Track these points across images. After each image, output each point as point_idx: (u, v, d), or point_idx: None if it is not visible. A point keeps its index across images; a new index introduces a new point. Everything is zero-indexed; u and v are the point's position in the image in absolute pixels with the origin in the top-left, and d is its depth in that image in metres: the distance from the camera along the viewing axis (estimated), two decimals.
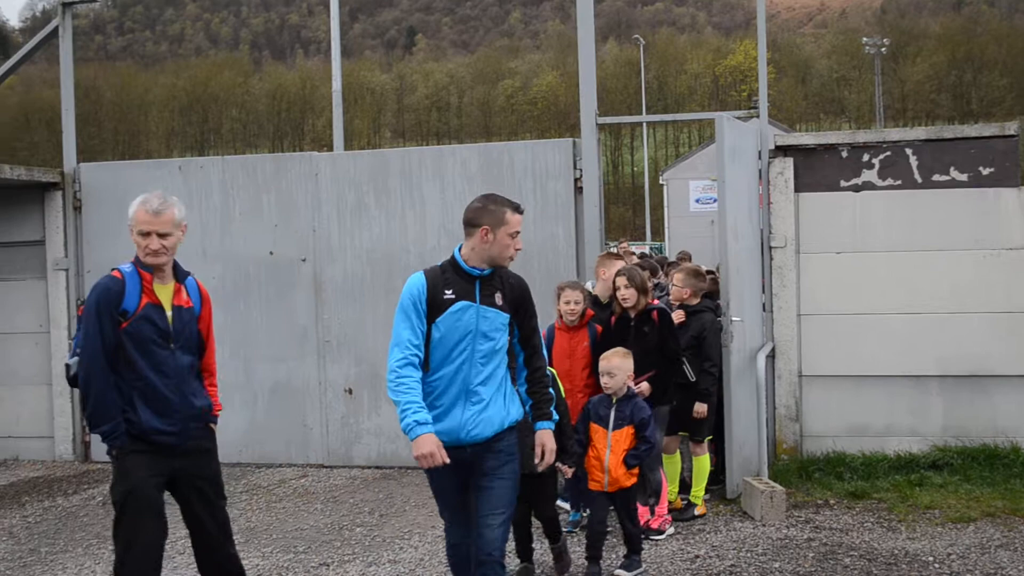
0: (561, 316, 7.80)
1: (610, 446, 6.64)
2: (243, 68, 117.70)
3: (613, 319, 7.80)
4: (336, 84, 22.09)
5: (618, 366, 6.75)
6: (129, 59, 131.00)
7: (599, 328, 7.80)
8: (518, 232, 5.14)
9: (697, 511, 8.17)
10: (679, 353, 7.87)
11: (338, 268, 10.41)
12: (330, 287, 10.42)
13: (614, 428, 6.68)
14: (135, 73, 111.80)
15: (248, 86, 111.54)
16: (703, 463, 8.29)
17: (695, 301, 8.41)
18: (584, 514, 7.72)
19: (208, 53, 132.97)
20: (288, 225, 10.51)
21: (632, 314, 7.70)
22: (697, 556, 7.18)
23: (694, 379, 8.15)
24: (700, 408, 8.12)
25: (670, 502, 8.09)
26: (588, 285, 8.59)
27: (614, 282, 7.79)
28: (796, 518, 8.01)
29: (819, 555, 7.11)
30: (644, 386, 7.46)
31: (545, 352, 8.00)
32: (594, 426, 6.74)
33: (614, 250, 11.93)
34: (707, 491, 8.67)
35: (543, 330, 7.89)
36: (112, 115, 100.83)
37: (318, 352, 10.46)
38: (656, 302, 7.95)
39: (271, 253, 10.54)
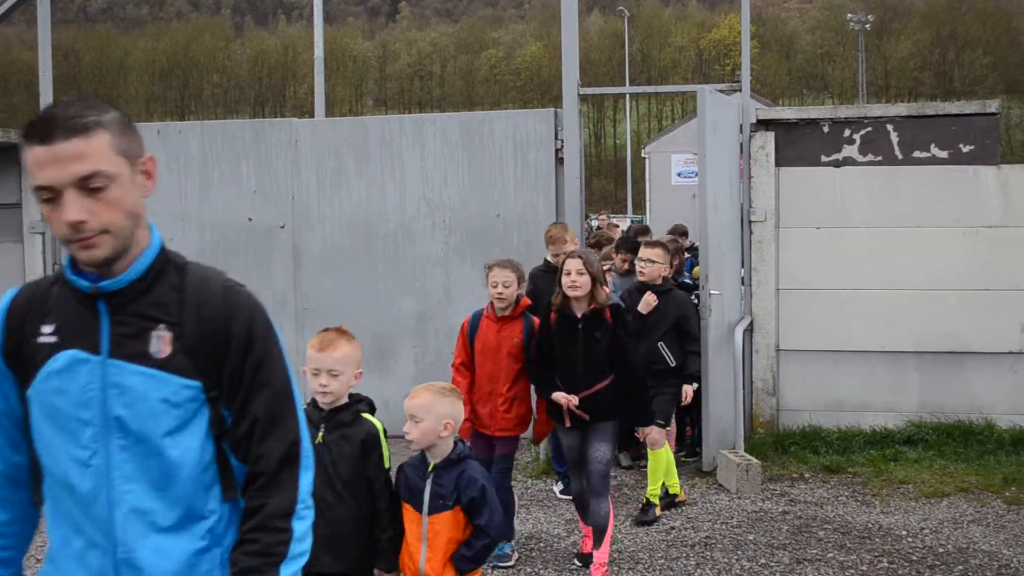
0: (492, 303, 6.44)
1: (425, 537, 4.33)
2: (224, 33, 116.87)
3: (552, 315, 6.14)
4: (318, 51, 21.93)
5: (425, 407, 4.35)
6: (109, 22, 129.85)
7: (536, 320, 6.35)
8: (44, 186, 2.25)
9: (679, 499, 7.71)
10: (635, 362, 6.34)
11: (317, 235, 10.35)
12: (309, 255, 10.37)
13: (431, 510, 4.32)
14: (115, 36, 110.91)
15: (229, 51, 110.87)
16: (659, 457, 7.50)
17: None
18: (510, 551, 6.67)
19: (189, 17, 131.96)
20: (267, 191, 10.45)
21: (579, 312, 6.05)
22: (672, 527, 7.21)
23: (674, 364, 7.52)
24: (689, 390, 7.50)
25: (673, 495, 7.62)
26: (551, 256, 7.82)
27: (563, 265, 6.09)
28: (771, 491, 8.05)
29: (793, 528, 7.15)
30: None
31: (472, 355, 6.42)
32: (404, 505, 4.39)
33: (595, 223, 11.90)
34: (684, 461, 8.73)
35: (467, 316, 6.61)
36: (91, 78, 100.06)
37: (296, 320, 10.42)
38: (607, 291, 6.23)
39: (250, 219, 10.48)
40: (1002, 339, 9.25)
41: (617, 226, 17.79)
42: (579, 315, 6.05)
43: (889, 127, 9.39)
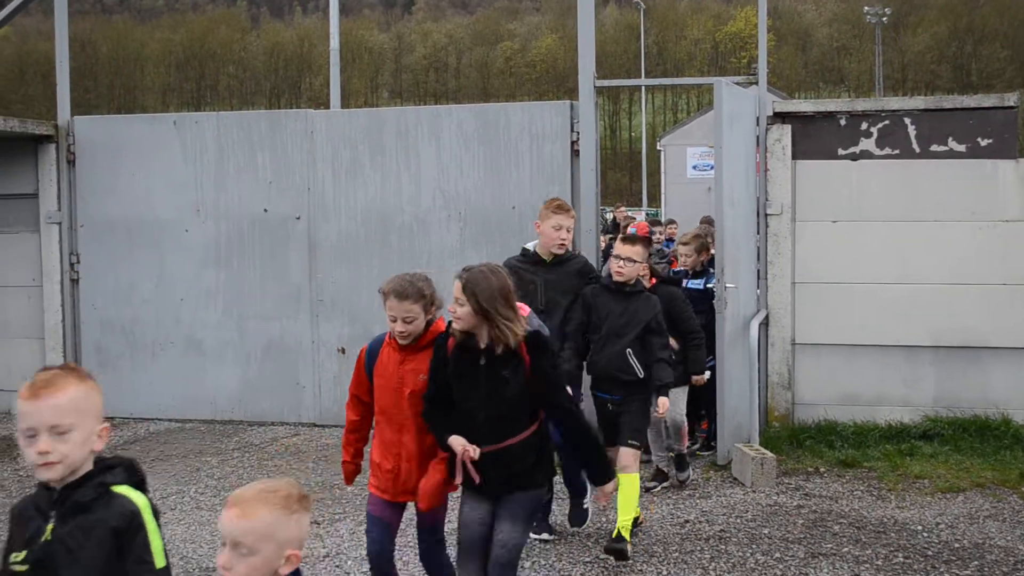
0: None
1: None
2: (241, 24, 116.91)
3: (451, 342, 4.68)
4: (334, 42, 21.91)
5: (263, 533, 2.79)
6: (126, 13, 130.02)
7: (452, 343, 4.73)
8: None
9: (639, 520, 6.83)
10: (572, 404, 4.85)
11: (332, 227, 10.37)
12: (324, 246, 10.38)
13: None
14: (131, 27, 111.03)
15: (245, 43, 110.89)
16: (632, 483, 6.52)
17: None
18: None
19: (205, 9, 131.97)
20: (283, 183, 10.46)
21: (482, 343, 4.56)
22: (687, 521, 7.20)
23: (643, 375, 6.53)
24: (663, 403, 6.53)
25: (636, 520, 6.66)
26: (530, 245, 6.95)
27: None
28: (786, 485, 8.03)
29: (808, 522, 7.14)
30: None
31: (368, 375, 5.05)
32: None
33: (610, 215, 11.80)
34: (699, 455, 8.72)
35: (364, 343, 5.25)
36: (108, 69, 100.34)
37: (311, 311, 10.44)
38: (525, 314, 4.86)
39: (265, 211, 10.49)
40: (1019, 334, 9.20)
41: (633, 219, 17.78)
42: (482, 346, 4.58)
43: (906, 120, 9.34)
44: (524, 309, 4.74)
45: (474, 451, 4.49)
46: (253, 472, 8.69)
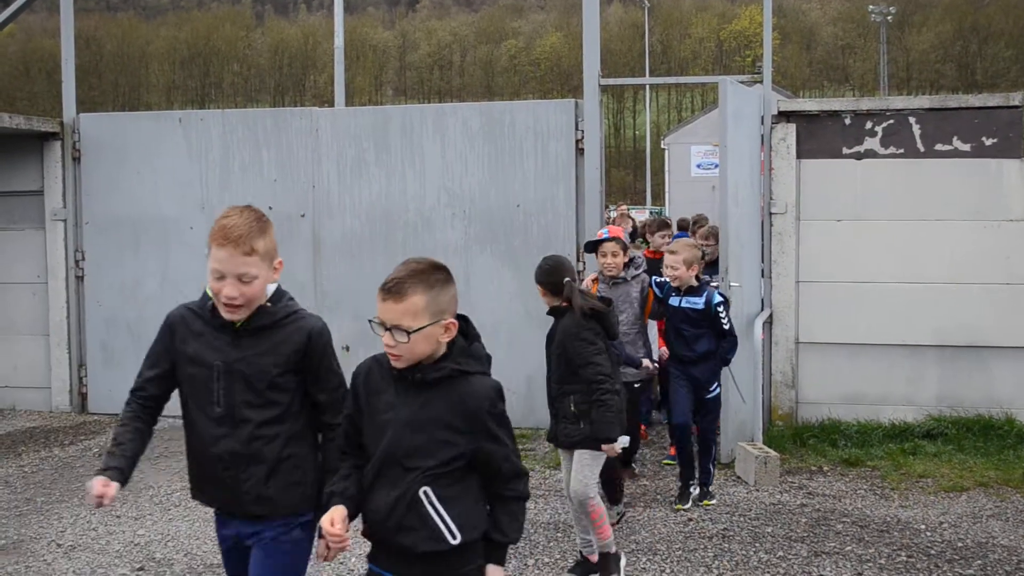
0: None
1: None
2: (245, 22, 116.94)
3: None
4: (338, 40, 21.85)
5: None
6: (130, 10, 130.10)
7: None
8: None
9: None
10: None
11: (337, 224, 10.38)
12: (329, 243, 10.40)
13: None
14: (136, 25, 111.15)
15: (250, 40, 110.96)
16: None
17: None
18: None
19: (210, 6, 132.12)
20: (287, 180, 10.48)
21: None
22: (690, 519, 7.21)
23: (459, 539, 3.26)
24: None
25: None
26: None
27: None
28: (790, 484, 8.04)
29: (812, 521, 7.14)
30: None
31: None
32: None
33: (613, 214, 11.57)
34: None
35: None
36: (112, 67, 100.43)
37: (316, 308, 10.43)
38: None
39: (270, 208, 10.49)
40: (1023, 333, 9.21)
41: (632, 218, 17.75)
42: None
43: (911, 120, 9.34)
44: None
45: None
46: None
